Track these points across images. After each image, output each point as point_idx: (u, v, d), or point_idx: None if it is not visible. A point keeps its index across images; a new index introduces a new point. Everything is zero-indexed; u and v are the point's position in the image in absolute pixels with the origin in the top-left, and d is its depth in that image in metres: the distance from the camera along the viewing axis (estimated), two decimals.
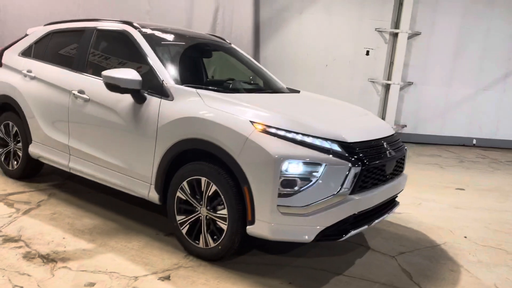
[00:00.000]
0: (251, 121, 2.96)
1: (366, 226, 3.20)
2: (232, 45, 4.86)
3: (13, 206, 3.99)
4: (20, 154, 4.59)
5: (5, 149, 4.77)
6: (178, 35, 4.27)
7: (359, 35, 9.30)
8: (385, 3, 9.23)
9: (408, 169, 3.76)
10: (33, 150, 4.41)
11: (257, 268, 3.19)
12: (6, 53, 4.88)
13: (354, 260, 3.48)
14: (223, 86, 3.98)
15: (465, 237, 4.20)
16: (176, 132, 3.24)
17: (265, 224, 2.89)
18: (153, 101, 3.41)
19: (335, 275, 3.20)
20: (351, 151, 2.99)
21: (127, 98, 3.52)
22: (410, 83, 9.62)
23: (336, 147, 2.95)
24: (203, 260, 3.22)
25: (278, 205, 2.83)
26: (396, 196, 3.64)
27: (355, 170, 2.93)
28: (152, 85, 3.46)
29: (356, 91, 9.51)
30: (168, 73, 3.49)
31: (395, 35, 9.33)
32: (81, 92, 3.87)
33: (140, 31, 3.83)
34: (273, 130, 2.92)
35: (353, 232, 3.05)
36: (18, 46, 4.81)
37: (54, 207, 4.02)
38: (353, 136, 3.09)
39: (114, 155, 3.70)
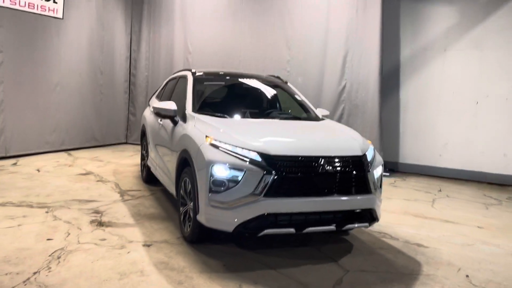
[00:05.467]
0: (206, 136, 3.94)
1: (292, 230, 3.64)
2: (288, 84, 5.76)
3: (123, 196, 5.89)
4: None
5: (143, 161, 6.88)
6: (228, 76, 5.48)
7: None
8: None
9: None
10: (147, 162, 6.32)
11: (215, 253, 4.02)
12: (152, 97, 7.09)
13: (304, 264, 3.86)
14: (241, 113, 4.91)
15: (467, 276, 3.82)
16: (180, 144, 4.48)
17: (203, 214, 3.79)
18: (179, 124, 4.74)
19: (270, 269, 3.72)
20: (270, 161, 3.59)
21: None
22: None
23: (256, 157, 3.62)
24: (186, 241, 4.26)
25: (209, 199, 3.70)
26: (354, 213, 3.84)
27: (268, 177, 3.53)
28: (182, 113, 4.81)
29: None
30: (191, 103, 4.78)
31: None
32: (160, 120, 5.53)
33: (193, 74, 5.26)
34: (216, 143, 3.83)
35: (268, 231, 3.60)
36: (157, 92, 6.94)
37: (143, 201, 5.74)
38: (279, 150, 3.67)
39: (165, 163, 5.17)
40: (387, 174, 8.54)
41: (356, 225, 3.90)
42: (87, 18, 9.60)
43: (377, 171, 4.09)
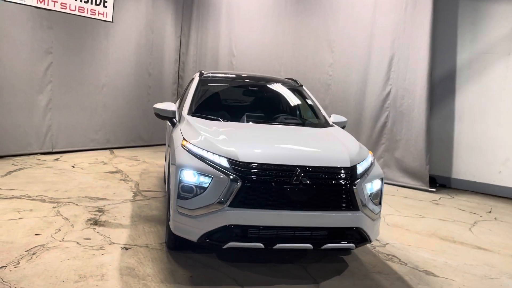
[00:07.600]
0: (183, 139, 3.73)
1: (260, 245, 3.30)
2: (303, 87, 5.36)
3: (135, 196, 5.88)
4: None
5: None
6: (238, 78, 5.24)
7: None
8: None
9: None
10: (164, 163, 6.27)
11: (189, 262, 3.79)
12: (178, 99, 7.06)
13: (278, 283, 3.49)
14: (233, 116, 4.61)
15: None
16: (169, 144, 4.32)
17: (172, 220, 3.58)
18: (177, 125, 4.59)
19: (237, 286, 3.42)
20: (238, 169, 3.29)
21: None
22: None
23: (225, 163, 3.33)
24: (166, 247, 4.08)
25: (177, 205, 3.48)
26: (338, 232, 3.40)
27: (235, 185, 3.23)
28: (180, 114, 4.65)
29: None
30: (189, 105, 4.61)
31: None
32: None
33: (201, 76, 5.09)
34: (190, 146, 3.60)
35: (233, 244, 3.30)
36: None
37: (152, 202, 5.67)
38: (250, 157, 3.34)
39: (166, 165, 5.04)
40: (433, 190, 7.72)
41: (338, 245, 3.44)
42: (137, 22, 9.88)
43: (372, 186, 3.60)
